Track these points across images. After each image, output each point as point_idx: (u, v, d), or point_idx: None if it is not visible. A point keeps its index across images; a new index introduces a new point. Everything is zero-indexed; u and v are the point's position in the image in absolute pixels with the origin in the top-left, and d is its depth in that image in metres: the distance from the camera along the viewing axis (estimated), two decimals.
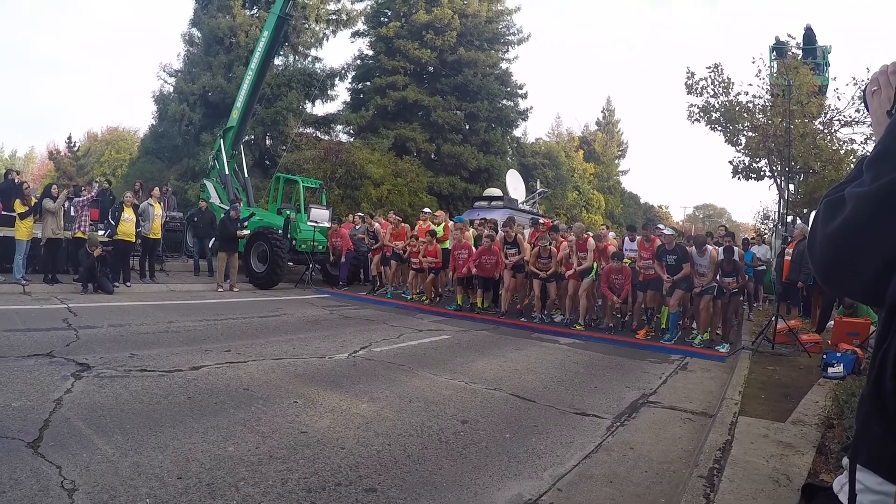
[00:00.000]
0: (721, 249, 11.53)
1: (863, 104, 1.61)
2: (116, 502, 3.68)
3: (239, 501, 3.85)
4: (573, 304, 12.69)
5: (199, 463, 4.38)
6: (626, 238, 14.27)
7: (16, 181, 13.78)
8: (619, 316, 13.13)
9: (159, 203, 15.64)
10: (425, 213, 17.56)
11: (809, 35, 23.01)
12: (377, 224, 17.64)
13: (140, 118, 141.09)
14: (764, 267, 16.72)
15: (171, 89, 34.43)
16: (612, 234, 16.59)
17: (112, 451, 4.43)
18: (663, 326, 12.18)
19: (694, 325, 12.01)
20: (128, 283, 13.78)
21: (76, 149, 51.29)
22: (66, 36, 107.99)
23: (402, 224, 16.68)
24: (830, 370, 8.27)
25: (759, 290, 17.23)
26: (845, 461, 1.38)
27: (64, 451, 4.32)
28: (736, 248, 12.23)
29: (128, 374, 6.49)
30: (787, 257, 13.20)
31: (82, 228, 13.34)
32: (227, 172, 20.37)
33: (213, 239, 16.67)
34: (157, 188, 16.31)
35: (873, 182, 1.22)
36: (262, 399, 6.01)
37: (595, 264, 12.40)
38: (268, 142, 34.32)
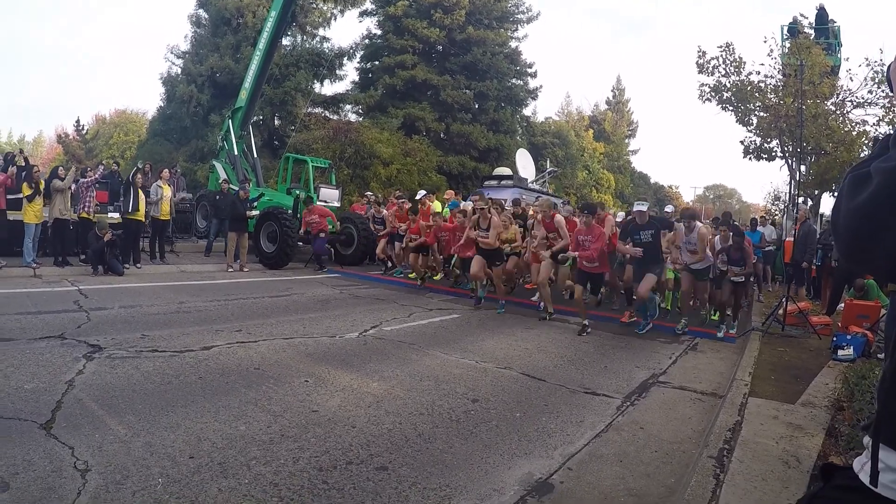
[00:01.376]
0: (717, 234, 11.04)
1: (887, 83, 1.58)
2: (129, 482, 3.71)
3: (251, 480, 3.88)
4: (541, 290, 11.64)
5: (210, 442, 4.41)
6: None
7: (20, 163, 13.77)
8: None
9: (169, 184, 15.66)
10: (421, 195, 17.01)
11: (822, 15, 22.82)
12: (385, 210, 17.45)
13: (148, 100, 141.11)
14: (772, 248, 16.63)
15: (179, 71, 34.50)
16: (620, 214, 16.37)
17: (124, 432, 4.47)
18: (667, 308, 12.19)
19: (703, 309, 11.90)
20: (138, 265, 13.79)
21: (85, 132, 51.31)
22: (73, 20, 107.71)
23: (406, 205, 16.37)
24: (840, 353, 8.26)
25: (767, 270, 17.07)
26: (866, 440, 1.38)
27: (76, 432, 4.36)
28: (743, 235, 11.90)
29: (139, 354, 6.53)
30: (791, 238, 13.17)
31: (87, 209, 13.32)
32: (236, 153, 20.36)
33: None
34: (166, 170, 16.30)
35: None
36: (273, 378, 6.04)
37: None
38: (276, 122, 34.34)
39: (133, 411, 4.90)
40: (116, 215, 14.05)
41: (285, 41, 32.24)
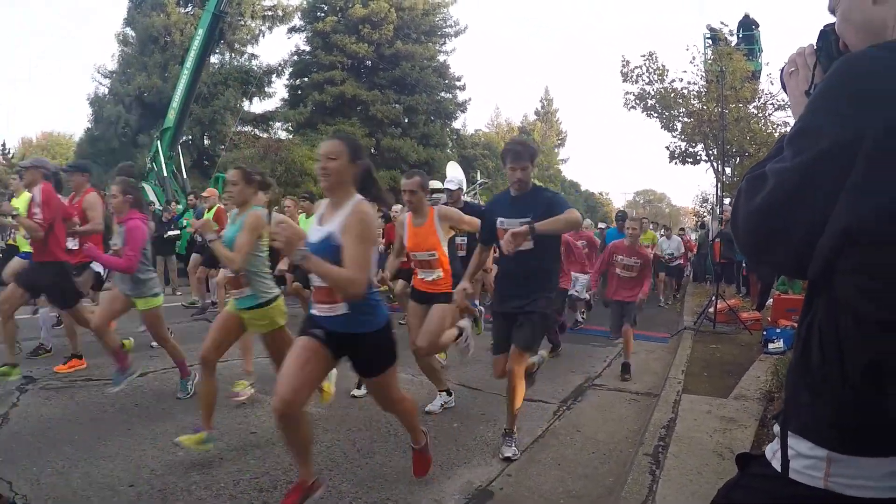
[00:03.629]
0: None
1: (781, 85, 1.65)
2: None
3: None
4: None
5: (150, 469, 4.34)
6: None
7: None
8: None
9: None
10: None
11: (746, 22, 23.53)
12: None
13: (75, 123, 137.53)
14: (678, 262, 17.70)
15: (106, 91, 33.61)
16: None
17: (62, 463, 4.36)
18: None
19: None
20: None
21: (11, 156, 49.80)
22: None
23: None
24: (771, 346, 8.49)
25: (670, 283, 18.04)
26: (776, 429, 1.43)
27: (14, 465, 4.24)
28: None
29: (73, 384, 6.37)
30: (718, 238, 13.50)
31: (13, 237, 12.92)
32: (165, 174, 20.08)
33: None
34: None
35: (794, 158, 1.26)
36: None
37: None
38: (206, 141, 33.88)
39: (70, 442, 4.78)
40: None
41: (213, 59, 31.87)
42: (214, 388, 4.78)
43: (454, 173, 28.05)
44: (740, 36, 23.46)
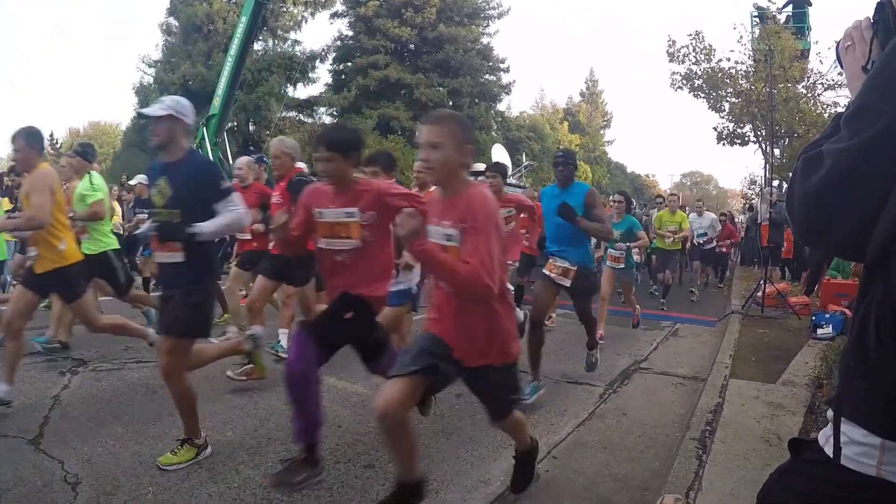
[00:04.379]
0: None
1: (836, 60, 1.61)
2: (120, 492, 3.73)
3: (240, 484, 3.91)
4: None
5: None
6: None
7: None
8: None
9: None
10: None
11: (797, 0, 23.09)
12: None
13: (122, 111, 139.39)
14: (715, 246, 15.38)
15: (152, 80, 34.19)
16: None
17: (113, 443, 4.48)
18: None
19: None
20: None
21: (59, 146, 50.74)
22: (39, 29, 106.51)
23: None
24: (820, 331, 8.35)
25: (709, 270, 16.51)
26: (830, 414, 1.42)
27: (65, 445, 4.36)
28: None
29: (124, 366, 6.51)
30: (766, 222, 13.29)
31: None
32: (211, 161, 20.28)
33: None
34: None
35: (851, 138, 1.24)
36: (258, 384, 6.03)
37: None
38: (251, 128, 34.17)
39: (120, 422, 4.91)
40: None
41: (257, 46, 32.09)
42: None
43: (500, 156, 28.10)
44: (790, 14, 23.01)
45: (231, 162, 21.41)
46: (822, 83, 21.57)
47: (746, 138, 23.09)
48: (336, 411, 5.34)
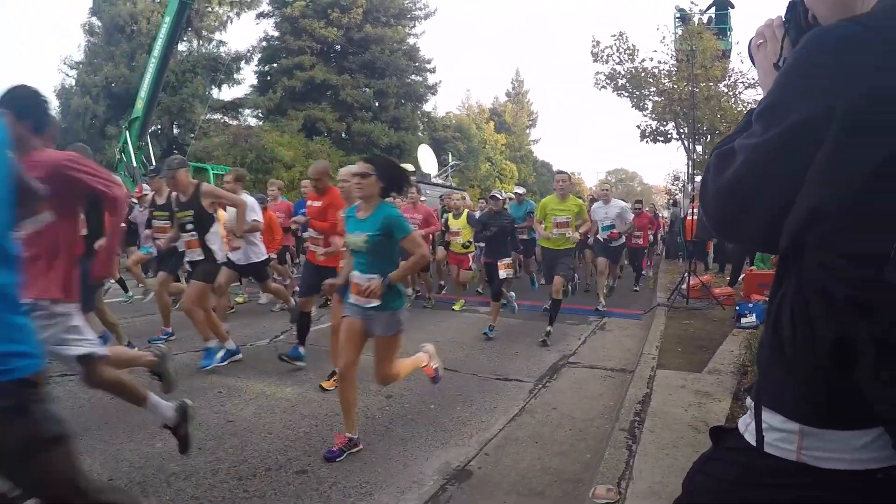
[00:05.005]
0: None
1: (749, 57, 1.64)
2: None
3: (172, 496, 3.82)
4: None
5: (128, 462, 4.32)
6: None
7: None
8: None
9: None
10: None
11: (721, 2, 23.67)
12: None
13: None
14: (624, 242, 12.96)
15: (73, 82, 33.25)
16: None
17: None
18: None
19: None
20: None
21: None
22: None
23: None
24: (744, 320, 8.60)
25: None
26: (749, 402, 1.44)
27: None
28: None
29: (49, 380, 6.29)
30: (692, 216, 13.54)
31: None
32: (135, 165, 19.88)
33: None
34: None
35: (763, 133, 1.25)
36: (185, 392, 5.85)
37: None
38: (175, 130, 33.58)
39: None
40: None
41: (181, 47, 31.54)
42: None
43: (426, 156, 28.13)
44: (713, 15, 23.59)
45: (154, 165, 21.05)
46: (742, 82, 22.20)
47: (669, 136, 23.56)
48: (265, 418, 5.27)
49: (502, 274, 8.99)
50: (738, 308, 9.12)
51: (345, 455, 4.44)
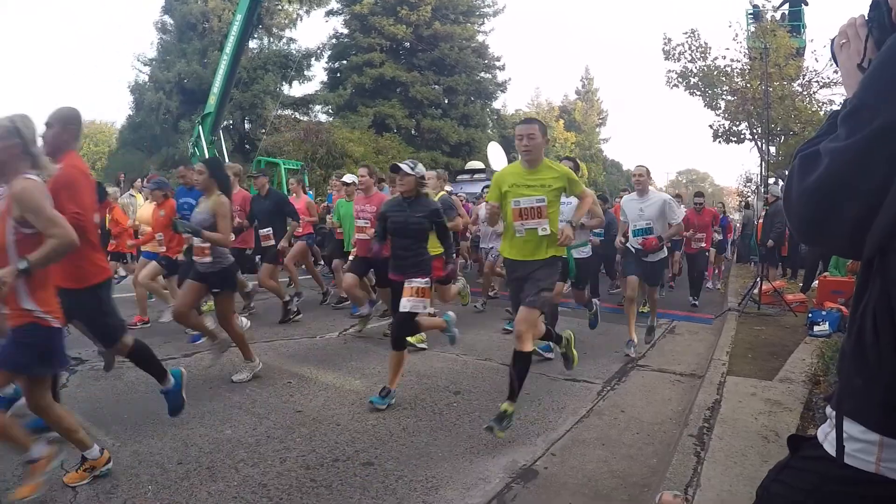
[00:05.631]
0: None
1: (831, 58, 1.62)
2: (119, 491, 3.76)
3: (239, 482, 3.92)
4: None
5: (198, 447, 4.45)
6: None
7: None
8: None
9: (141, 194, 15.41)
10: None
11: None
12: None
13: (117, 110, 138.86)
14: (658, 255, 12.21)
15: (147, 78, 34.18)
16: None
17: (111, 442, 4.49)
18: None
19: None
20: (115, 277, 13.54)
21: None
22: (33, 29, 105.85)
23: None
24: (816, 328, 8.39)
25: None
26: (829, 411, 1.43)
27: (64, 445, 4.35)
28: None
29: (121, 365, 6.48)
30: (761, 220, 13.26)
31: None
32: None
33: None
34: (138, 179, 16.07)
35: (848, 137, 1.25)
36: (256, 382, 6.05)
37: None
38: (247, 126, 34.25)
39: (119, 421, 4.92)
40: None
41: (252, 44, 32.15)
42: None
43: (495, 153, 28.08)
44: (786, 12, 23.02)
45: (227, 160, 21.46)
46: (817, 81, 21.64)
47: (742, 136, 23.12)
48: (333, 409, 5.36)
49: (406, 305, 5.65)
50: (810, 315, 8.90)
51: None
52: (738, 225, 22.66)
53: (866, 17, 1.46)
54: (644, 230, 7.75)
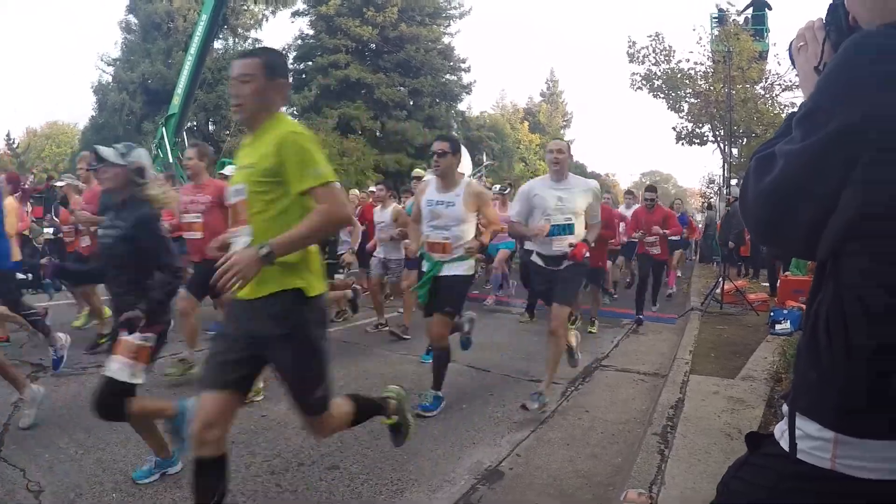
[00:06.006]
0: None
1: (790, 59, 1.63)
2: (82, 499, 3.69)
3: None
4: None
5: None
6: None
7: None
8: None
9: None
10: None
11: (758, 2, 23.43)
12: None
13: (80, 111, 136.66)
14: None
15: (110, 79, 33.82)
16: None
17: (75, 450, 4.41)
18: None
19: None
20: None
21: (16, 146, 49.68)
22: None
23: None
24: (778, 327, 8.50)
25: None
26: (785, 408, 1.44)
27: (26, 453, 4.27)
28: None
29: (84, 371, 6.39)
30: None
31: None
32: (170, 160, 20.07)
33: None
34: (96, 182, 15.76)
35: (803, 139, 1.26)
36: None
37: None
38: (211, 127, 34.01)
39: (82, 428, 4.81)
40: (50, 230, 13.29)
41: (217, 44, 31.93)
42: None
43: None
44: (750, 16, 23.35)
45: None
46: (779, 84, 22.05)
47: (705, 138, 23.45)
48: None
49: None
50: (772, 314, 9.02)
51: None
52: (700, 226, 22.93)
53: (824, 21, 1.47)
54: (563, 227, 5.68)
